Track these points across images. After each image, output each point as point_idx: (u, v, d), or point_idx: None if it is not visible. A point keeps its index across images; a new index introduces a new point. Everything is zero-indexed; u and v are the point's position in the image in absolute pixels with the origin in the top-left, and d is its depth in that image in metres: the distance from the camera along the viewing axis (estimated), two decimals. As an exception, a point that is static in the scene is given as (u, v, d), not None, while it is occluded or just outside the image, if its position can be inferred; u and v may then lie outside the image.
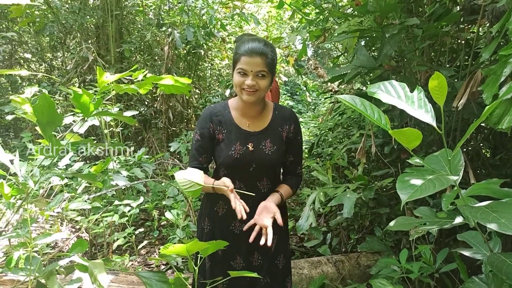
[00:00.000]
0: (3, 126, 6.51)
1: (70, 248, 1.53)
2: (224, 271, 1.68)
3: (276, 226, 1.71)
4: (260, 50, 1.52)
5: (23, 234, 1.43)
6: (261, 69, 1.52)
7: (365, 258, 2.71)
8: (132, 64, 5.63)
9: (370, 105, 1.16)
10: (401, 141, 1.07)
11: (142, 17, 5.88)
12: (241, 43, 1.57)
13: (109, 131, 3.56)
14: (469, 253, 1.26)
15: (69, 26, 5.20)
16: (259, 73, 1.53)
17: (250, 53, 1.51)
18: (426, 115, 1.10)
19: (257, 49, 1.52)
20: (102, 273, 1.40)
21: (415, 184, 0.96)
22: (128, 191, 3.95)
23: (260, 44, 1.54)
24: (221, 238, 1.72)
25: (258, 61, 1.51)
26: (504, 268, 1.01)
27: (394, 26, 1.86)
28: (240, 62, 1.53)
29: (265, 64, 1.52)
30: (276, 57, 1.61)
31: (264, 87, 1.56)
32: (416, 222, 1.17)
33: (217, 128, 1.67)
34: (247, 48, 1.52)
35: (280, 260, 1.78)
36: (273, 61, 1.57)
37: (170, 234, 3.27)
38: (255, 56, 1.51)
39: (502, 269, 1.01)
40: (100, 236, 3.09)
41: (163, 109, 4.77)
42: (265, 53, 1.52)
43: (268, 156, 1.65)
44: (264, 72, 1.53)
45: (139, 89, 1.84)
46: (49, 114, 1.44)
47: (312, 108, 9.26)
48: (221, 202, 1.73)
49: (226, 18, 6.56)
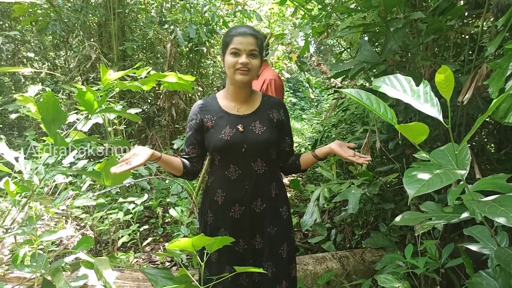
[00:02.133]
0: (7, 124, 6.52)
1: (75, 245, 1.54)
2: (229, 258, 1.76)
3: (277, 215, 1.80)
4: (251, 32, 1.65)
5: (29, 231, 1.44)
6: (253, 48, 1.62)
7: (370, 254, 2.71)
8: (135, 62, 5.63)
9: (376, 99, 1.15)
10: (407, 135, 1.07)
11: (144, 15, 5.87)
12: (231, 29, 1.70)
13: (112, 129, 3.56)
14: (476, 247, 1.26)
15: (71, 25, 5.20)
16: (252, 52, 1.63)
17: (243, 34, 1.63)
18: (432, 109, 1.10)
19: (248, 30, 1.65)
20: (107, 269, 1.41)
21: (422, 178, 0.96)
22: (132, 188, 3.96)
23: (250, 28, 1.68)
24: (223, 226, 1.78)
25: (251, 40, 1.62)
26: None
27: (399, 21, 1.85)
28: (233, 43, 1.63)
29: (257, 44, 1.64)
30: (263, 42, 1.73)
31: (256, 66, 1.66)
32: (423, 217, 1.17)
33: (205, 117, 1.74)
34: (239, 30, 1.65)
35: (284, 249, 1.79)
36: (262, 43, 1.69)
37: (175, 231, 3.28)
38: (247, 36, 1.63)
39: (510, 263, 1.00)
40: (105, 233, 3.10)
41: (166, 106, 4.77)
42: (255, 34, 1.65)
43: (258, 136, 1.70)
44: (256, 51, 1.64)
45: (143, 86, 1.84)
46: (54, 112, 1.44)
47: (315, 104, 9.24)
48: (219, 190, 1.77)
49: (228, 15, 6.55)
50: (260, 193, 1.75)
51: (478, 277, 1.21)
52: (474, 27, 2.37)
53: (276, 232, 1.78)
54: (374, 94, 1.21)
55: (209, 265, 1.79)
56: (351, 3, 2.73)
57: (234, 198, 1.75)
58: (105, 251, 3.22)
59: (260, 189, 1.75)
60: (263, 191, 1.76)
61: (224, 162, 1.73)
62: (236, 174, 1.72)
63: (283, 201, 1.84)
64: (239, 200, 1.74)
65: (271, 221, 1.78)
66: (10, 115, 3.74)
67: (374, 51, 2.29)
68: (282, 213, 1.82)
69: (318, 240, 2.98)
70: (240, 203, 1.74)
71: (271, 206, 1.78)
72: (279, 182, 1.84)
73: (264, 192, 1.76)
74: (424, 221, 1.29)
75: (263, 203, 1.76)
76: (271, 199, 1.78)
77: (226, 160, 1.72)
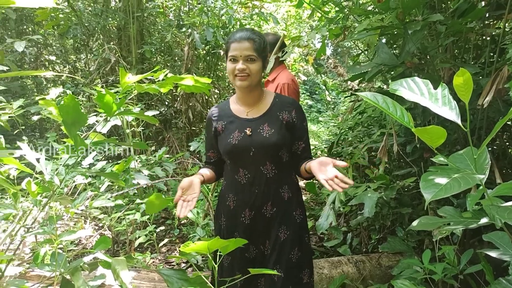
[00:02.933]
0: (29, 126, 6.68)
1: (93, 245, 1.57)
2: (241, 263, 1.75)
3: (290, 219, 1.76)
4: (247, 36, 1.63)
5: (49, 231, 1.47)
6: (250, 53, 1.62)
7: (387, 258, 2.67)
8: (153, 65, 5.70)
9: (392, 102, 1.14)
10: (424, 139, 1.06)
11: (162, 18, 5.95)
12: (230, 35, 1.70)
13: (130, 130, 3.62)
14: (496, 254, 1.23)
15: (92, 29, 5.31)
16: (249, 57, 1.62)
17: (239, 40, 1.63)
18: (450, 113, 1.08)
19: (244, 35, 1.64)
20: (124, 269, 1.43)
21: (440, 183, 0.94)
22: (149, 190, 4.01)
23: (247, 32, 1.66)
24: (235, 231, 1.78)
25: (247, 46, 1.62)
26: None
27: (417, 23, 1.83)
28: (230, 50, 1.64)
29: (253, 48, 1.62)
30: (265, 43, 1.70)
31: (255, 71, 1.65)
32: (440, 221, 1.15)
33: (217, 123, 1.78)
34: (236, 36, 1.65)
35: (294, 253, 1.74)
36: (261, 46, 1.66)
37: (190, 232, 3.30)
38: (243, 41, 1.62)
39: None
40: (122, 233, 3.15)
41: (183, 109, 4.82)
42: (252, 38, 1.63)
43: (266, 139, 1.67)
44: (253, 56, 1.62)
45: (161, 89, 1.87)
46: (74, 114, 1.47)
47: (331, 107, 9.19)
48: (230, 195, 1.78)
49: (245, 18, 6.58)
50: (271, 197, 1.73)
51: (498, 284, 1.18)
52: (495, 28, 2.32)
53: (288, 236, 1.74)
54: (391, 97, 1.20)
55: (221, 269, 1.80)
56: (369, 5, 2.71)
57: (245, 203, 1.74)
58: (122, 252, 3.27)
59: (271, 193, 1.72)
60: (274, 194, 1.73)
61: (234, 166, 1.74)
62: (245, 178, 1.72)
63: (297, 204, 1.80)
64: (249, 204, 1.73)
65: (283, 225, 1.74)
66: (32, 117, 3.84)
67: (392, 54, 2.27)
68: (296, 216, 1.78)
69: (333, 244, 2.95)
70: (251, 207, 1.73)
71: (282, 210, 1.75)
72: (292, 185, 1.80)
73: (275, 196, 1.73)
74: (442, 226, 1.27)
75: (273, 207, 1.73)
76: (283, 202, 1.75)
77: (235, 164, 1.73)
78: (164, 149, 3.58)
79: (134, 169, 3.31)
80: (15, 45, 3.99)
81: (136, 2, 5.01)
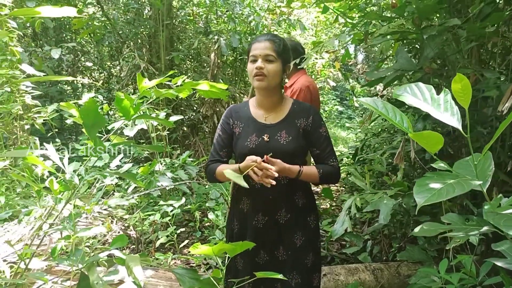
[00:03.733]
0: (67, 129, 6.99)
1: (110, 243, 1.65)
2: (251, 268, 1.73)
3: (305, 225, 1.76)
4: (268, 37, 1.68)
5: (68, 227, 1.56)
6: (269, 53, 1.64)
7: (406, 267, 2.62)
8: (182, 71, 5.86)
9: (392, 107, 1.15)
10: (422, 144, 1.06)
11: (192, 26, 6.10)
12: (254, 39, 1.74)
13: (156, 134, 3.73)
14: (503, 263, 1.20)
15: (124, 36, 5.52)
16: (267, 57, 1.64)
17: (259, 40, 1.68)
18: (451, 118, 1.07)
19: (265, 37, 1.69)
20: (137, 266, 1.50)
21: (434, 188, 0.94)
22: (174, 192, 4.11)
23: (269, 34, 1.72)
24: (248, 235, 1.77)
25: (266, 45, 1.65)
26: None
27: (433, 28, 1.81)
28: (251, 50, 1.68)
29: (272, 49, 1.65)
30: (286, 47, 1.73)
31: (273, 72, 1.65)
32: (442, 228, 1.13)
33: (235, 123, 1.78)
34: (257, 38, 1.71)
35: (309, 258, 1.76)
36: (281, 49, 1.68)
37: (211, 235, 3.36)
38: (263, 41, 1.67)
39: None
40: (146, 234, 3.25)
41: (208, 114, 4.92)
42: (272, 39, 1.67)
43: (283, 146, 1.67)
44: (272, 56, 1.65)
45: (179, 94, 1.94)
46: (94, 117, 1.56)
47: (360, 113, 9.07)
48: (244, 198, 1.78)
49: (273, 24, 6.64)
50: (284, 204, 1.72)
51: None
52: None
53: (304, 242, 1.75)
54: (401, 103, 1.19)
55: (236, 272, 1.80)
56: (386, 12, 2.69)
57: (258, 207, 1.74)
58: (146, 251, 3.37)
59: (284, 199, 1.72)
60: (287, 201, 1.73)
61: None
62: (259, 183, 1.69)
63: (311, 210, 1.81)
64: (262, 209, 1.74)
65: (298, 232, 1.75)
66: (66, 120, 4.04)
67: (411, 59, 2.25)
68: (310, 222, 1.79)
69: (353, 251, 2.92)
70: (264, 212, 1.73)
71: (297, 216, 1.75)
72: (306, 190, 1.80)
73: (288, 203, 1.73)
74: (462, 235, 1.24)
75: (288, 213, 1.73)
76: (297, 209, 1.75)
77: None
78: (188, 152, 3.67)
79: (159, 171, 3.43)
80: (52, 53, 4.23)
81: (166, 11, 5.18)
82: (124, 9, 5.63)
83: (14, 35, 3.67)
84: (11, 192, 3.52)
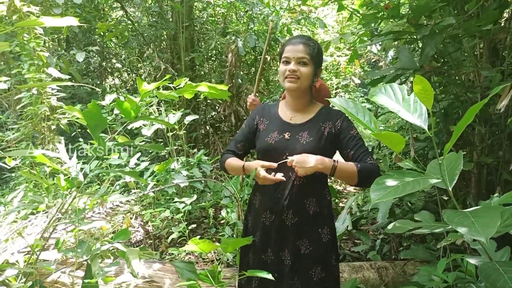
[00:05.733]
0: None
1: (114, 236, 1.77)
2: (258, 264, 1.76)
3: (314, 235, 1.70)
4: (302, 40, 1.67)
5: (75, 221, 1.68)
6: (302, 56, 1.64)
7: (412, 266, 2.60)
8: (202, 71, 6.00)
9: (362, 108, 1.19)
10: (387, 144, 1.09)
11: (214, 26, 6.22)
12: (287, 40, 1.74)
13: (172, 134, 3.86)
14: (475, 261, 1.21)
15: (148, 39, 5.71)
16: (301, 60, 1.64)
17: (294, 42, 1.67)
18: (417, 119, 1.11)
19: (299, 39, 1.68)
20: (136, 259, 1.60)
21: (390, 185, 0.98)
22: (190, 189, 4.23)
23: (304, 37, 1.71)
24: (257, 231, 1.78)
25: (301, 48, 1.64)
26: (493, 276, 0.97)
27: (426, 28, 1.81)
28: (284, 52, 1.68)
29: (307, 52, 1.64)
30: (320, 51, 1.72)
31: (306, 75, 1.65)
32: (412, 225, 1.16)
33: (260, 119, 1.81)
34: (292, 40, 1.70)
35: (316, 272, 1.69)
36: (315, 53, 1.67)
37: (223, 231, 3.45)
38: (297, 44, 1.66)
39: (490, 277, 0.97)
40: (159, 229, 3.39)
41: (226, 113, 5.02)
42: (307, 43, 1.66)
43: (302, 146, 1.65)
44: (305, 59, 1.64)
45: (181, 95, 2.03)
46: (97, 118, 1.68)
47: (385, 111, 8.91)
48: (257, 193, 1.80)
49: (293, 23, 6.66)
50: (293, 205, 1.68)
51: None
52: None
53: (311, 252, 1.69)
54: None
55: (247, 267, 1.81)
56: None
57: (267, 205, 1.74)
58: (161, 246, 3.51)
59: (293, 201, 1.68)
60: (297, 204, 1.68)
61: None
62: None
63: (324, 221, 1.73)
64: (270, 207, 1.72)
65: (304, 239, 1.70)
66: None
67: (412, 58, 2.24)
68: (322, 235, 1.71)
69: (360, 249, 2.93)
70: (271, 210, 1.72)
71: (306, 223, 1.70)
72: (322, 199, 1.73)
73: (298, 205, 1.69)
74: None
75: (295, 216, 1.69)
76: (307, 215, 1.70)
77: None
78: (202, 151, 3.78)
79: (174, 169, 3.55)
80: (77, 56, 4.45)
81: (187, 13, 5.32)
82: (147, 13, 5.82)
83: (40, 40, 3.89)
84: (39, 189, 3.76)
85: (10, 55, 4.65)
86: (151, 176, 3.77)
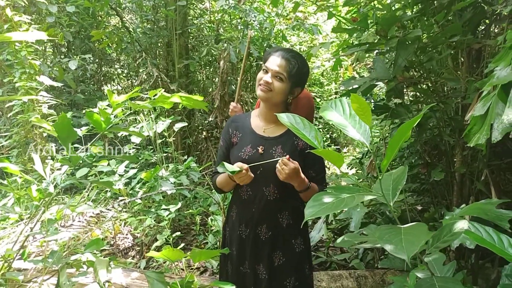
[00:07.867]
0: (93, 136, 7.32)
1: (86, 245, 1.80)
2: (237, 276, 1.78)
3: (287, 246, 1.73)
4: (286, 56, 1.63)
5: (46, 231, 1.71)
6: (280, 71, 1.61)
7: (392, 275, 2.60)
8: (196, 78, 6.04)
9: (308, 124, 1.21)
10: (330, 160, 1.11)
11: (211, 33, 6.27)
12: (273, 48, 1.72)
13: (161, 141, 3.89)
14: (422, 275, 1.22)
15: (143, 45, 5.77)
16: (278, 74, 1.61)
17: (278, 54, 1.63)
18: (358, 134, 1.12)
19: (284, 54, 1.63)
20: (103, 269, 1.64)
21: (325, 202, 0.99)
22: (179, 196, 4.26)
23: (289, 52, 1.66)
24: (233, 243, 1.80)
25: (281, 63, 1.61)
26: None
27: (393, 40, 1.82)
28: (267, 61, 1.66)
29: (285, 69, 1.61)
30: (302, 71, 1.66)
31: (278, 90, 1.63)
32: (359, 239, 1.18)
33: (233, 133, 1.78)
34: (277, 51, 1.66)
35: (290, 281, 1.71)
36: (294, 71, 1.62)
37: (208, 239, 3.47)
38: (279, 57, 1.62)
39: (424, 293, 0.98)
40: (144, 236, 3.41)
41: (218, 120, 5.05)
42: (289, 59, 1.62)
43: (276, 162, 1.60)
44: (282, 75, 1.61)
45: (154, 105, 2.05)
46: (67, 130, 1.71)
47: (382, 116, 8.90)
48: (234, 206, 1.82)
49: (288, 29, 6.70)
50: (267, 220, 1.71)
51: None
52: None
53: (284, 263, 1.72)
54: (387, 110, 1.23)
55: (226, 277, 1.85)
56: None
57: (242, 218, 1.76)
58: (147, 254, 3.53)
59: (267, 215, 1.70)
60: (270, 218, 1.71)
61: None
62: (247, 194, 1.72)
63: (297, 232, 1.75)
64: (245, 221, 1.75)
65: (278, 251, 1.72)
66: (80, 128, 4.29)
67: (386, 68, 2.26)
68: (296, 245, 1.74)
69: (343, 258, 2.93)
70: (246, 224, 1.74)
71: (279, 236, 1.72)
72: (294, 212, 1.74)
73: (272, 220, 1.71)
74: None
75: (269, 230, 1.71)
76: (280, 228, 1.72)
77: None
78: (191, 158, 3.80)
79: (162, 177, 3.58)
80: (69, 64, 4.51)
81: (181, 20, 5.37)
82: (142, 20, 5.88)
83: (32, 49, 3.95)
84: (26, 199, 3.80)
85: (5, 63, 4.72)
86: (139, 184, 3.81)
